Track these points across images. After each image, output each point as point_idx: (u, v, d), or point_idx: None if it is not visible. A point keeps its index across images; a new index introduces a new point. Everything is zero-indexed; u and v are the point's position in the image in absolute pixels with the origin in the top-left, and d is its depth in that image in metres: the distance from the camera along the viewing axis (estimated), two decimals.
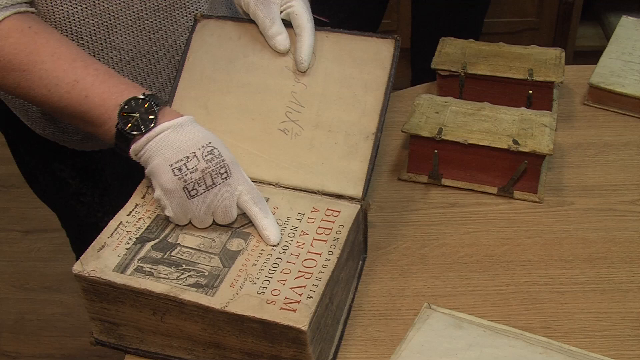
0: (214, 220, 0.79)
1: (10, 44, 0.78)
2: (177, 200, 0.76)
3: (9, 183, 2.31)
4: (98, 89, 0.78)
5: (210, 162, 0.75)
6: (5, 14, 0.78)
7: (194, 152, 0.75)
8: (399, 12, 2.40)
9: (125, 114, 0.77)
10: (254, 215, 0.78)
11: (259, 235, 0.78)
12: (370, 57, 0.87)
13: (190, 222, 0.79)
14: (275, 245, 0.77)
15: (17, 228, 2.18)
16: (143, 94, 0.78)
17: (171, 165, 0.75)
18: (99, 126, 0.80)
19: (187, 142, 0.76)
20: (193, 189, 0.75)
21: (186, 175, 0.75)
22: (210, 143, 0.77)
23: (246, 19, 0.91)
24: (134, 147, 0.77)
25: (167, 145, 0.76)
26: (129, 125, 0.76)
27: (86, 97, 0.78)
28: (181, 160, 0.75)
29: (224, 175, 0.76)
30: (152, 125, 0.76)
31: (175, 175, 0.75)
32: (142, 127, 0.76)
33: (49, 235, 2.12)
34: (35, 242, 2.13)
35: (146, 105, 0.77)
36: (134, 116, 0.77)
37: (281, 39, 0.87)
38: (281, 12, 0.88)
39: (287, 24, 0.88)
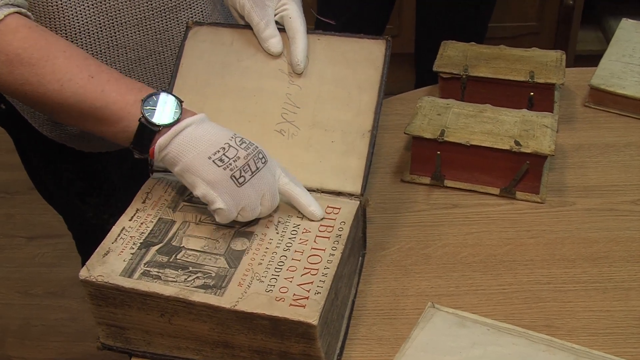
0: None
1: (19, 39, 0.75)
2: (227, 190, 0.74)
3: (14, 189, 2.31)
4: (114, 85, 0.77)
5: (248, 149, 0.76)
6: (10, 10, 0.76)
7: (227, 143, 0.75)
8: (401, 17, 2.41)
9: (148, 107, 0.76)
10: (296, 195, 0.79)
11: (302, 213, 0.79)
12: (363, 58, 0.88)
13: (237, 218, 0.77)
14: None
15: (21, 234, 2.18)
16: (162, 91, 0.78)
17: (210, 158, 0.74)
18: (114, 123, 0.77)
19: (216, 135, 0.76)
20: (241, 177, 0.75)
21: (230, 164, 0.74)
22: (236, 134, 0.77)
23: (238, 25, 0.92)
24: (160, 142, 0.75)
25: (197, 140, 0.75)
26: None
27: (102, 92, 0.76)
28: (218, 151, 0.75)
29: (263, 160, 0.77)
30: (177, 118, 0.76)
31: (219, 166, 0.74)
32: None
33: (53, 241, 2.12)
34: (40, 247, 2.12)
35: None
36: (156, 110, 0.76)
37: (275, 41, 0.88)
38: (275, 15, 0.89)
39: (279, 27, 0.89)
